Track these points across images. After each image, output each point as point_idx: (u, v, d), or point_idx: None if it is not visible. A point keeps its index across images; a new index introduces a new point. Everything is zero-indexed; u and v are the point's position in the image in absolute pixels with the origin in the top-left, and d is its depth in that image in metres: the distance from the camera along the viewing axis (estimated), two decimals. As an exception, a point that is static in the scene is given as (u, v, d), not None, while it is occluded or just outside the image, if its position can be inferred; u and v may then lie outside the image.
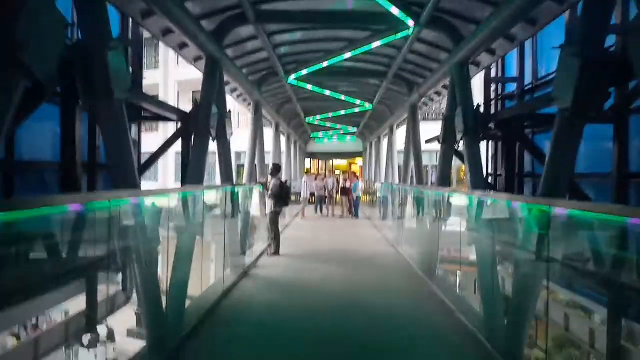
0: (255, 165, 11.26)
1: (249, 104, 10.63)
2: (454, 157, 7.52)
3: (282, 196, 9.41)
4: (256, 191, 9.79)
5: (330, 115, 15.71)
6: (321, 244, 11.11)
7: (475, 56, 6.68)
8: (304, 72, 9.44)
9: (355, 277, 7.36)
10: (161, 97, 30.14)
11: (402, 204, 10.86)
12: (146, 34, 7.66)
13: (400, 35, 7.05)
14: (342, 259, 9.06)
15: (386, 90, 11.82)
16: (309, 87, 11.00)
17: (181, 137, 6.40)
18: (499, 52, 7.03)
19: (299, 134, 20.97)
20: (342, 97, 12.06)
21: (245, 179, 9.46)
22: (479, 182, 5.84)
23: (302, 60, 9.60)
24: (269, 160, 13.56)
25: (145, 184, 7.08)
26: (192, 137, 6.20)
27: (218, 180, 9.25)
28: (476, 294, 6.09)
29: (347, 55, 8.25)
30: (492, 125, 6.49)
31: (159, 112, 6.36)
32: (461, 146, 7.15)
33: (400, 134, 14.90)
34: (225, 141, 7.10)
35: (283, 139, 17.64)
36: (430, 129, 11.46)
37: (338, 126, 19.62)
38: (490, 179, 8.83)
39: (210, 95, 6.41)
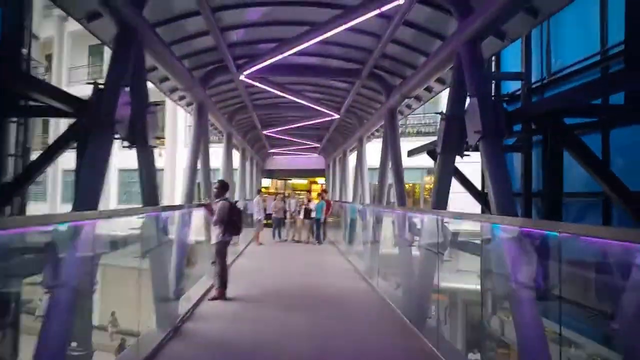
0: (199, 184, 9.20)
1: (192, 107, 8.56)
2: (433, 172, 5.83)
3: (232, 221, 7.43)
4: (197, 215, 7.74)
5: (291, 126, 13.81)
6: (279, 279, 9.18)
7: (487, 34, 5.01)
8: (259, 66, 7.57)
9: (323, 332, 5.57)
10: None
11: (376, 228, 9.14)
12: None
13: (385, 7, 5.32)
14: (305, 302, 7.23)
15: (357, 95, 10.12)
16: (266, 88, 9.11)
17: (76, 138, 4.31)
18: (511, 34, 5.41)
19: (256, 149, 18.95)
20: (305, 103, 10.24)
21: (182, 200, 7.37)
22: (506, 203, 4.09)
23: (257, 53, 7.73)
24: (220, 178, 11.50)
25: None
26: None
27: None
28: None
29: (315, 39, 6.44)
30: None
31: (45, 100, 4.28)
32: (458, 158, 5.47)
33: (371, 148, 13.29)
34: (146, 147, 5.06)
35: (236, 155, 15.59)
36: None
37: (299, 140, 17.74)
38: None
39: (119, 77, 4.39)
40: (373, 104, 10.47)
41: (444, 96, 20.72)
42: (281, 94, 9.39)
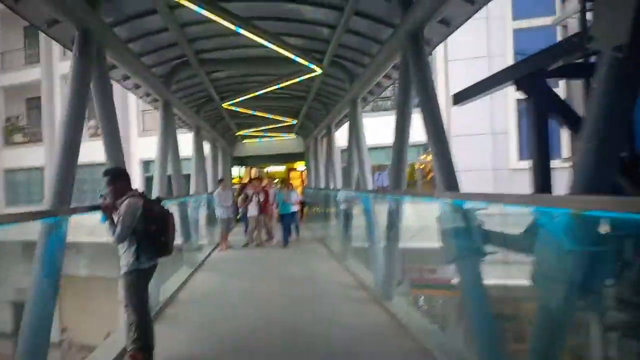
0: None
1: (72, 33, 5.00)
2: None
3: (150, 234, 4.15)
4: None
5: (257, 93, 10.26)
6: (249, 312, 5.99)
7: None
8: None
9: None
10: (44, 98, 23.64)
11: (392, 224, 5.99)
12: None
13: None
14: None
15: (347, 33, 6.77)
16: (209, 17, 5.70)
17: None
18: None
19: (218, 131, 15.42)
20: (270, 46, 6.78)
21: (47, 201, 3.94)
22: None
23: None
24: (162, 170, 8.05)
25: None
26: None
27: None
28: None
29: None
30: None
31: None
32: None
33: (368, 120, 10.10)
34: None
35: (188, 138, 12.11)
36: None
37: (270, 117, 14.21)
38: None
39: None
40: (372, 45, 7.11)
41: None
42: (231, 27, 5.96)
